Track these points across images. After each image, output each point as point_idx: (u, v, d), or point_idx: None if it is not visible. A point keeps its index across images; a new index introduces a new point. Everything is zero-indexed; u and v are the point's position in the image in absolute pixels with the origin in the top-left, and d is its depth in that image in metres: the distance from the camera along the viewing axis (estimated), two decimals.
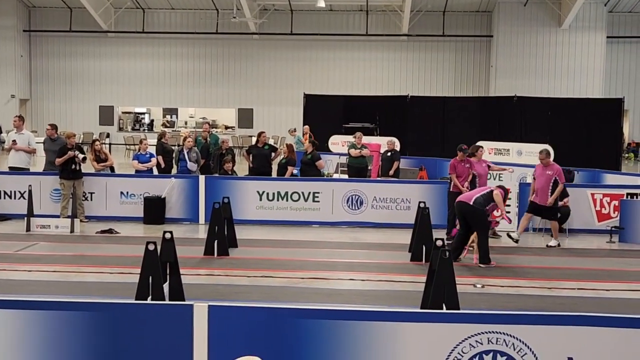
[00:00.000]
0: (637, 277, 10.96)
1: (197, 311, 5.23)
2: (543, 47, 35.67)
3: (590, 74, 35.42)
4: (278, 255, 12.00)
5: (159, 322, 5.31)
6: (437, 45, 38.10)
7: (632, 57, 38.41)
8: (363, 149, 17.96)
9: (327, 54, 38.52)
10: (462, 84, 38.17)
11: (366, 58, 38.47)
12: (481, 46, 37.94)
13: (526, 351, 5.14)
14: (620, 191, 14.91)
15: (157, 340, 5.27)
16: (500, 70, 36.05)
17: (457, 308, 7.64)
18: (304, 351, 5.23)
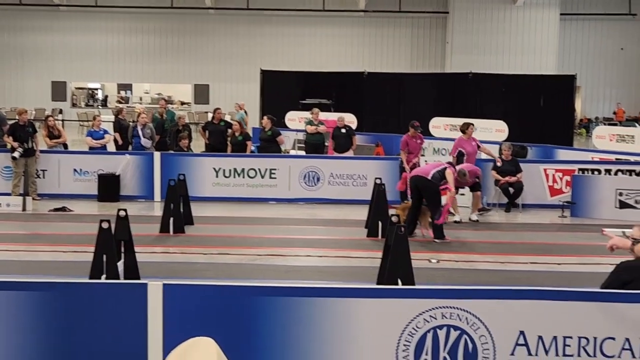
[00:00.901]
0: (588, 251, 11.18)
1: (152, 290, 5.20)
2: (498, 23, 35.94)
3: (544, 51, 35.83)
4: (234, 233, 11.96)
5: (112, 301, 5.27)
6: (393, 22, 38.11)
7: (585, 34, 38.95)
8: (320, 126, 17.95)
9: (284, 30, 38.28)
10: (418, 60, 38.28)
11: (323, 34, 38.34)
12: (437, 22, 38.06)
13: (479, 325, 5.22)
14: (572, 166, 15.16)
15: (112, 320, 5.23)
16: (455, 47, 36.24)
17: (413, 283, 7.72)
18: (259, 329, 5.24)
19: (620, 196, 13.86)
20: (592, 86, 39.61)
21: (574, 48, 38.95)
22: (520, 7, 35.75)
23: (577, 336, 5.23)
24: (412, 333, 5.21)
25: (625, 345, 5.21)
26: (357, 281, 8.79)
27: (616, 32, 39.06)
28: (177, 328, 5.07)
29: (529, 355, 5.23)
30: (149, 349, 5.13)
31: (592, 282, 6.54)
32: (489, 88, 26.56)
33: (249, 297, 5.31)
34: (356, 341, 5.24)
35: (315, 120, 17.92)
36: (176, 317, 5.17)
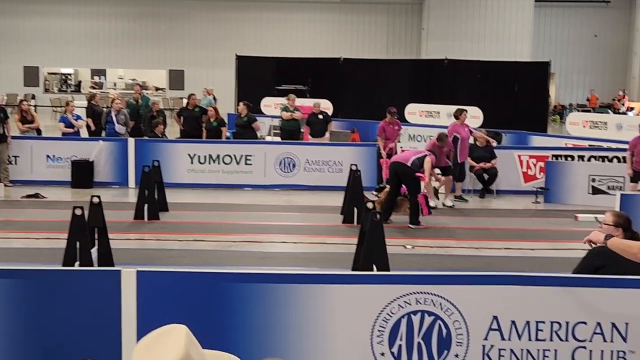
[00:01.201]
0: (561, 236, 11.29)
1: (125, 276, 5.16)
2: (473, 10, 35.98)
3: (518, 38, 35.95)
4: (210, 219, 11.93)
5: (86, 288, 5.22)
6: (369, 8, 38.06)
7: (559, 22, 39.18)
8: (295, 112, 17.91)
9: (260, 15, 38.07)
10: (394, 46, 38.30)
11: (299, 20, 38.20)
12: (413, 9, 38.07)
13: (453, 310, 5.25)
14: (545, 153, 15.28)
15: (85, 307, 5.19)
16: (431, 33, 36.26)
17: (388, 269, 7.75)
18: (234, 315, 5.22)
19: (593, 182, 14.00)
20: (566, 73, 39.89)
21: (549, 35, 39.18)
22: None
23: (549, 321, 5.28)
24: (387, 319, 5.23)
25: (596, 330, 5.27)
26: (333, 267, 8.81)
27: (590, 19, 39.34)
28: (151, 315, 5.05)
29: (502, 340, 5.27)
30: (123, 336, 5.10)
31: (565, 267, 6.61)
32: (464, 74, 26.64)
33: (224, 284, 5.30)
34: (331, 327, 5.25)
35: (290, 106, 17.87)
36: (150, 304, 5.14)
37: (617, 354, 5.30)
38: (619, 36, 39.67)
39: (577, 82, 40.30)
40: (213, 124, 16.32)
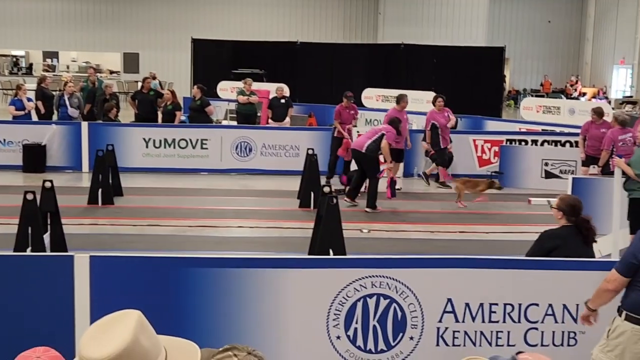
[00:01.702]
0: (514, 219, 11.46)
1: (78, 262, 5.09)
2: None
3: (474, 23, 36.21)
4: (165, 204, 11.83)
5: (38, 274, 5.14)
6: None
7: (514, 7, 39.56)
8: (252, 96, 17.80)
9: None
10: (351, 31, 38.27)
11: (255, 3, 37.90)
12: None
13: (408, 294, 5.29)
14: (500, 137, 15.45)
15: (38, 293, 5.11)
16: (387, 18, 36.31)
17: (344, 253, 7.78)
18: (190, 300, 5.20)
19: (546, 166, 14.21)
20: (521, 58, 40.34)
21: (503, 21, 39.53)
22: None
23: (502, 303, 5.36)
24: (343, 302, 5.25)
25: (548, 311, 5.37)
26: (289, 252, 8.82)
27: (543, 5, 39.80)
28: (104, 300, 4.99)
29: (456, 322, 5.33)
30: (76, 322, 5.04)
31: (519, 250, 6.71)
32: (420, 59, 26.76)
33: (179, 269, 5.26)
34: (288, 311, 5.26)
35: (247, 90, 17.75)
36: (104, 290, 5.08)
37: (568, 334, 5.41)
38: (572, 22, 40.23)
39: (531, 67, 40.80)
40: (168, 107, 16.14)
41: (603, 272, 5.30)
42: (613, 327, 4.36)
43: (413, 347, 5.34)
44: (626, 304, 4.31)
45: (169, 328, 5.14)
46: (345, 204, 11.71)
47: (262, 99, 18.75)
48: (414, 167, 15.10)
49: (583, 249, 5.78)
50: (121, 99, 26.01)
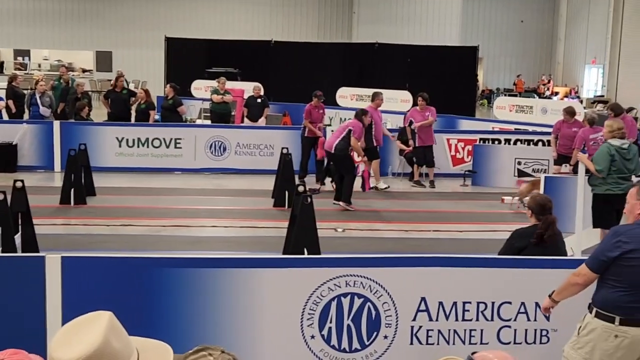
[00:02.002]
0: (487, 218, 11.53)
1: (50, 263, 5.04)
2: None
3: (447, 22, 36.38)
4: (139, 203, 11.75)
5: (9, 275, 5.09)
6: None
7: (487, 7, 39.82)
8: (226, 95, 17.74)
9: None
10: (326, 30, 38.31)
11: (230, 2, 37.81)
12: None
13: (382, 293, 5.31)
14: (473, 136, 15.56)
15: (8, 294, 5.06)
16: (362, 17, 36.36)
17: (318, 252, 7.78)
18: (163, 301, 5.17)
19: (518, 165, 14.32)
20: (494, 58, 40.62)
21: (477, 20, 39.78)
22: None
23: (475, 301, 5.39)
24: (317, 302, 5.25)
25: (521, 309, 5.41)
26: (264, 251, 8.81)
27: (516, 5, 40.11)
28: (77, 302, 4.94)
29: (429, 320, 5.36)
30: (48, 324, 4.99)
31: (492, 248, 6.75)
32: (394, 58, 26.84)
33: (153, 269, 5.24)
34: (262, 311, 5.25)
35: (221, 89, 17.69)
36: (76, 291, 5.03)
37: (541, 332, 5.46)
38: (544, 22, 40.60)
39: (505, 66, 41.10)
40: (141, 106, 16.04)
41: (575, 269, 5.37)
42: (584, 324, 4.40)
43: (387, 346, 5.36)
44: (596, 301, 4.35)
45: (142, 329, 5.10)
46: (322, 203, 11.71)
47: (236, 98, 18.70)
48: (389, 166, 15.15)
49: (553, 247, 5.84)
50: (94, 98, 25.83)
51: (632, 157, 8.75)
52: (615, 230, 4.31)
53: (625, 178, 8.70)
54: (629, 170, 8.72)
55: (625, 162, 8.71)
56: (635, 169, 8.78)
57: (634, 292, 4.19)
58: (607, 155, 8.69)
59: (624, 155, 8.70)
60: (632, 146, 8.91)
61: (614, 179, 8.68)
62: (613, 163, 8.64)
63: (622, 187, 8.54)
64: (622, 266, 4.20)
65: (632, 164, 8.75)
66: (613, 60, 33.08)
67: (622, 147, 8.72)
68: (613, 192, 8.67)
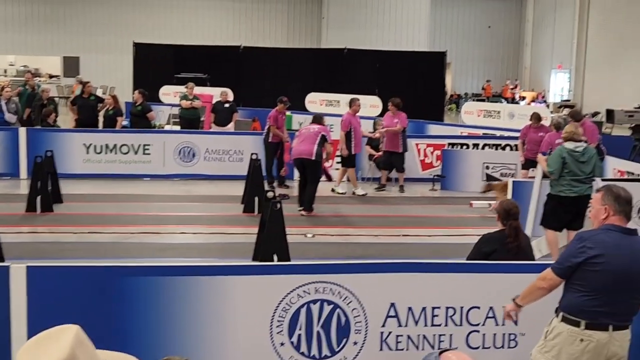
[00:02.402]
0: (456, 222, 11.60)
1: (15, 272, 4.96)
2: None
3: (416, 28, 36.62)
4: (107, 210, 11.64)
5: None
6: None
7: (455, 12, 40.16)
8: (195, 100, 17.67)
9: (159, 1, 37.33)
10: (295, 35, 38.33)
11: (199, 7, 37.68)
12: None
13: (352, 299, 5.31)
14: (442, 141, 15.65)
15: None
16: (331, 22, 36.46)
17: (288, 259, 7.78)
18: (132, 310, 5.11)
19: (487, 169, 14.44)
20: (462, 63, 40.96)
21: (445, 25, 40.09)
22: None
23: (444, 306, 5.42)
24: (286, 309, 5.24)
25: (489, 314, 5.45)
26: (233, 257, 8.78)
27: (484, 10, 40.51)
28: (43, 312, 4.88)
29: (399, 326, 5.37)
30: (12, 335, 4.91)
31: (461, 253, 6.79)
32: (363, 63, 26.94)
33: (120, 278, 5.18)
34: (231, 318, 5.22)
35: (190, 94, 17.63)
36: (42, 301, 4.96)
37: (509, 336, 5.50)
38: (511, 27, 41.03)
39: (473, 71, 41.46)
40: (109, 112, 15.91)
41: None
42: (550, 328, 4.44)
43: (357, 352, 5.36)
44: (563, 305, 4.39)
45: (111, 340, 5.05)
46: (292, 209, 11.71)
47: (205, 104, 18.63)
48: (358, 171, 15.17)
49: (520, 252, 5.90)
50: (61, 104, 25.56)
51: (586, 160, 8.82)
52: (581, 236, 4.36)
53: (579, 181, 8.80)
54: (583, 172, 8.79)
55: (578, 164, 8.79)
56: (592, 172, 8.87)
57: (598, 297, 4.24)
58: (559, 158, 8.81)
59: (577, 157, 8.79)
60: (588, 149, 8.99)
61: (567, 181, 8.80)
62: (565, 165, 8.76)
63: (574, 189, 8.76)
64: (587, 271, 4.24)
65: (587, 167, 8.81)
66: (579, 65, 33.51)
67: (574, 150, 8.81)
68: (565, 193, 8.82)
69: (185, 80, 21.31)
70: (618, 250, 4.21)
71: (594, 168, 8.89)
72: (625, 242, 4.25)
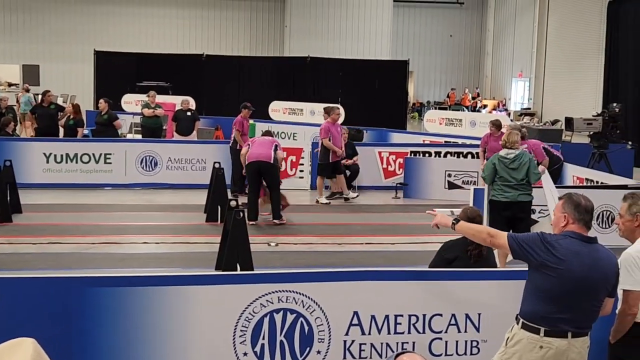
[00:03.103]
0: (419, 230, 11.63)
1: None
2: (335, 9, 36.56)
3: (378, 36, 36.88)
4: (67, 220, 11.49)
5: None
6: (232, 4, 37.86)
7: (417, 21, 40.52)
8: (157, 109, 17.57)
9: (120, 9, 37.00)
10: (258, 44, 38.30)
11: (160, 15, 37.45)
12: (276, 6, 38.21)
13: (315, 308, 5.30)
14: (404, 149, 15.75)
15: None
16: (294, 31, 36.55)
17: (251, 268, 7.75)
18: (93, 322, 5.04)
19: (449, 177, 14.56)
20: (425, 71, 41.31)
21: (407, 35, 40.41)
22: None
23: (407, 314, 5.43)
24: (249, 318, 5.21)
25: (451, 321, 5.48)
26: (196, 267, 8.73)
27: (445, 19, 40.92)
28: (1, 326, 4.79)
29: (362, 334, 5.38)
30: None
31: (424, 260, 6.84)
32: (326, 72, 27.05)
33: (81, 289, 5.10)
34: (194, 329, 5.18)
35: (152, 103, 17.52)
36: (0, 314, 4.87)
37: (471, 343, 5.53)
38: (472, 36, 41.50)
39: (436, 80, 41.84)
40: (70, 122, 15.72)
41: (504, 281, 5.48)
42: (511, 335, 4.48)
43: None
44: (523, 312, 4.44)
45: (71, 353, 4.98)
46: None
47: (167, 112, 18.52)
48: None
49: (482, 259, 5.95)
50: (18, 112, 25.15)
51: (517, 166, 9.08)
52: (544, 237, 4.36)
53: (510, 186, 9.10)
54: (514, 179, 9.08)
55: (509, 171, 9.10)
56: (524, 178, 9.09)
57: (557, 304, 4.28)
58: (491, 164, 9.28)
59: (507, 164, 9.12)
60: (520, 156, 9.17)
61: (499, 186, 9.18)
62: (497, 172, 9.18)
63: (506, 194, 9.11)
64: (546, 275, 4.29)
65: (519, 173, 9.07)
66: (539, 74, 34.00)
67: (505, 157, 9.16)
68: (497, 198, 9.20)
69: (147, 88, 21.18)
70: (577, 258, 4.27)
71: (528, 174, 9.09)
72: (585, 249, 4.30)
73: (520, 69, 36.60)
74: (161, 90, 22.41)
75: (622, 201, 4.78)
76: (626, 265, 4.56)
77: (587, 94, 27.90)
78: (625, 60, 23.03)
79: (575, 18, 30.35)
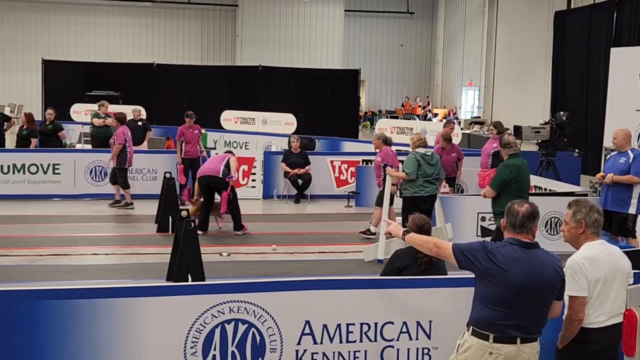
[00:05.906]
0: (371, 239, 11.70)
1: None
2: (286, 18, 36.68)
3: (330, 45, 37.09)
4: (14, 232, 11.27)
5: None
6: (182, 13, 37.66)
7: (368, 30, 40.80)
8: (107, 118, 17.33)
9: (69, 18, 36.51)
10: (209, 52, 38.15)
11: (110, 24, 37.05)
12: (227, 15, 38.12)
13: (266, 317, 5.28)
14: (356, 158, 15.82)
15: None
16: (245, 40, 36.53)
17: (203, 278, 7.70)
18: (39, 336, 4.94)
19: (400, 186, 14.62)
20: (377, 80, 41.59)
21: (358, 43, 40.65)
22: (307, 3, 36.70)
23: (359, 322, 5.45)
24: (200, 329, 5.17)
25: (403, 329, 5.51)
26: (147, 278, 8.63)
27: (396, 29, 41.28)
28: None
29: (314, 344, 5.37)
30: None
31: (377, 269, 6.86)
32: (278, 81, 27.05)
33: (27, 302, 5.00)
34: (145, 340, 5.12)
35: (102, 112, 17.28)
36: None
37: (423, 350, 5.57)
38: (423, 46, 41.93)
39: (388, 89, 42.13)
40: (23, 132, 15.41)
41: (454, 288, 5.53)
42: (462, 341, 4.53)
43: None
44: (472, 319, 4.48)
45: None
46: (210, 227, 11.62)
47: None
48: (274, 189, 15.20)
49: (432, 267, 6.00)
50: None
51: (434, 162, 10.19)
52: (485, 246, 4.43)
53: (429, 182, 10.10)
54: (432, 174, 10.13)
55: (429, 167, 10.10)
56: (435, 173, 10.17)
57: (504, 310, 4.33)
58: (414, 161, 10.07)
59: (428, 160, 10.13)
60: (434, 154, 10.41)
61: (421, 182, 10.05)
62: (420, 167, 10.03)
63: (427, 189, 10.07)
64: (490, 283, 4.35)
65: (435, 169, 10.17)
66: (488, 83, 34.49)
67: (425, 154, 10.17)
68: (419, 194, 10.05)
69: (96, 98, 20.90)
70: (518, 264, 4.33)
71: (440, 171, 10.28)
72: (525, 255, 4.37)
73: (470, 78, 37.10)
74: (112, 100, 22.09)
75: (567, 208, 4.86)
76: (571, 271, 4.65)
77: (536, 102, 28.40)
78: (571, 68, 23.50)
79: (523, 28, 30.88)
